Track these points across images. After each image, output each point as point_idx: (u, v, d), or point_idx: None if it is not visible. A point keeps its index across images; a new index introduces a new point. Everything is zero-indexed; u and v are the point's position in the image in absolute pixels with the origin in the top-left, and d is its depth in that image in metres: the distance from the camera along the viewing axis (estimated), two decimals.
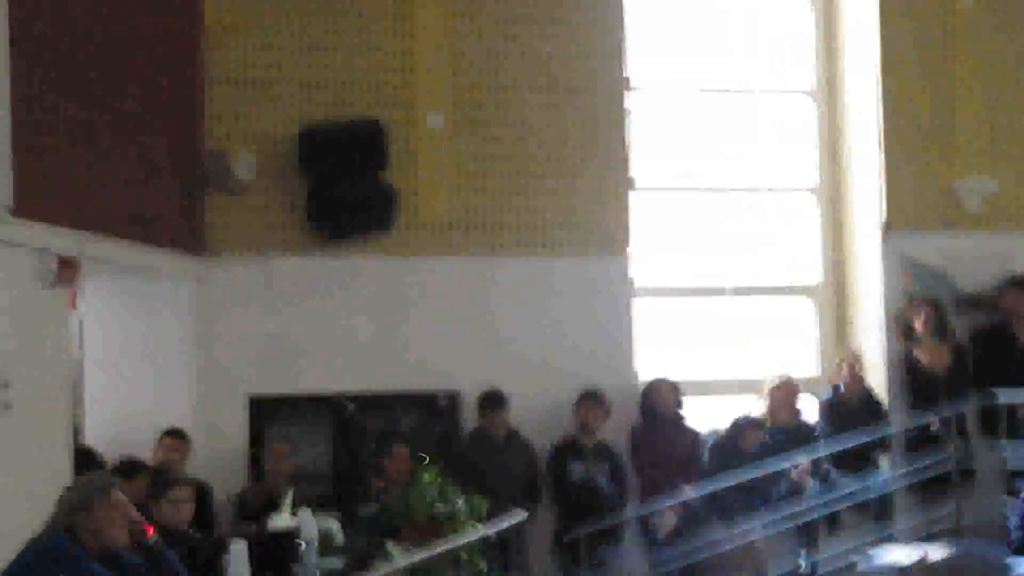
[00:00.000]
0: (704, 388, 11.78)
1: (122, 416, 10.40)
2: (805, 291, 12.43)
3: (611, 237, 11.43)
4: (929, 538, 10.24)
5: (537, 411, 10.92)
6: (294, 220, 10.88)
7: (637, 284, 11.66)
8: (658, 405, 11.03)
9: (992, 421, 11.07)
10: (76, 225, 8.76)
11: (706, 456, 10.99)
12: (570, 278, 11.26)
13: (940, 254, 11.78)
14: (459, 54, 11.28)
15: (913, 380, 11.49)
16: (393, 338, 10.96)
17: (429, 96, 11.18)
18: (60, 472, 8.43)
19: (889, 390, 11.63)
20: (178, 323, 10.66)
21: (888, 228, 11.79)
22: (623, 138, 11.60)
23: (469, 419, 10.97)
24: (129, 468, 9.05)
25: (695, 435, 11.14)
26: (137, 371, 10.48)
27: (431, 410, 11.05)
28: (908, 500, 11.21)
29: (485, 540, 8.60)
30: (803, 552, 10.25)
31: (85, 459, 9.21)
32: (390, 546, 8.44)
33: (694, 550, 10.41)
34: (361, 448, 10.75)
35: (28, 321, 8.44)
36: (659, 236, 12.12)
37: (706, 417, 11.49)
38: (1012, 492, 10.06)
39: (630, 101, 11.75)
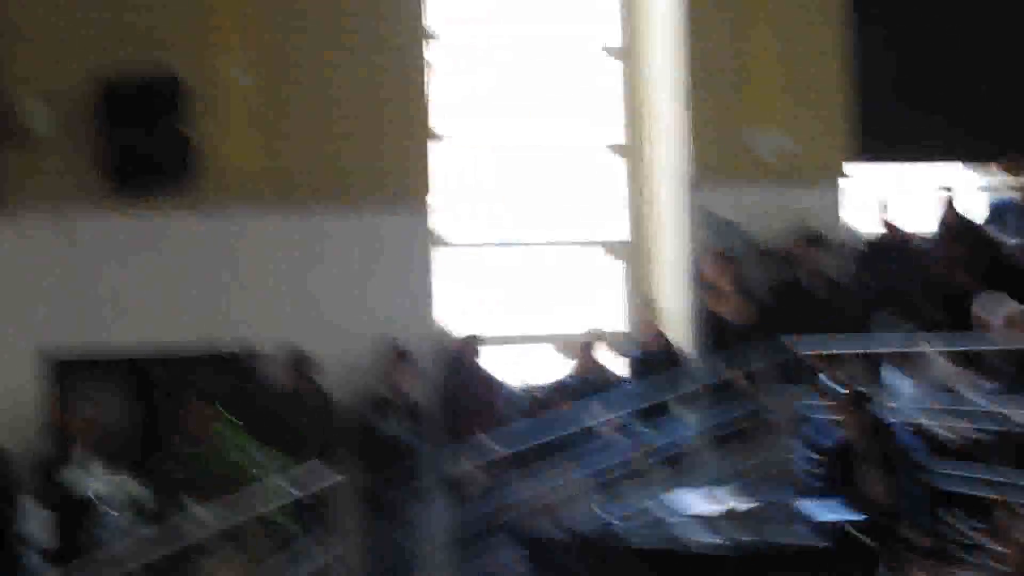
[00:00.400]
0: (509, 341, 11.89)
1: None
2: (611, 246, 12.60)
3: (412, 189, 11.40)
4: (722, 484, 10.50)
5: (339, 366, 10.90)
6: (93, 175, 10.64)
7: (441, 237, 11.67)
8: (461, 359, 11.08)
9: (787, 371, 11.35)
10: None
11: (513, 415, 11.07)
12: (371, 231, 11.21)
13: (738, 208, 12.03)
14: (259, 4, 11.14)
15: (713, 332, 11.73)
16: (194, 294, 10.82)
17: (229, 47, 11.02)
18: None
19: (691, 342, 11.87)
20: None
21: (690, 183, 12.02)
22: (423, 89, 11.56)
23: (271, 375, 10.90)
24: None
25: (499, 388, 11.22)
26: None
27: (232, 367, 10.94)
28: (707, 449, 11.45)
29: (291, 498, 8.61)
30: (602, 502, 10.41)
31: None
32: (190, 503, 8.40)
33: (498, 503, 10.53)
34: (161, 405, 10.63)
35: None
36: (468, 189, 12.18)
37: (511, 370, 11.60)
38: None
39: (432, 53, 11.71)
